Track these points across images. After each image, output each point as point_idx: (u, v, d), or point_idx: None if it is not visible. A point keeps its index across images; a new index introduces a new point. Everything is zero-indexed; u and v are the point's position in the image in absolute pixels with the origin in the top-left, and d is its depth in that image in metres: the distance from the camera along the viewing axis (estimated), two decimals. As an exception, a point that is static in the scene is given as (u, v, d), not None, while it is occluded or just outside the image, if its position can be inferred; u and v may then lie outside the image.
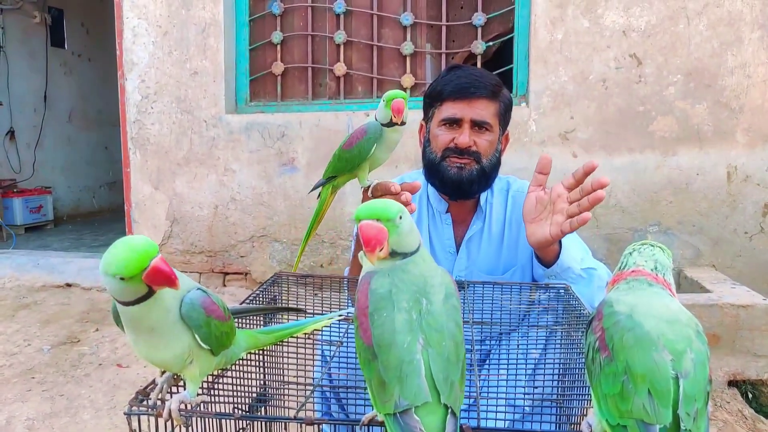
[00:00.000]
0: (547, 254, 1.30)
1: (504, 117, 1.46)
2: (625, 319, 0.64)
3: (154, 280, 0.69)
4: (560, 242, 1.31)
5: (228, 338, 0.82)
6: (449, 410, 0.64)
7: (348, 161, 1.27)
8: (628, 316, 0.64)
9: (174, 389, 0.85)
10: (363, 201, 1.25)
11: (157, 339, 0.75)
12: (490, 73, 1.50)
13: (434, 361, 0.65)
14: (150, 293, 0.71)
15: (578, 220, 1.21)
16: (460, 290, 1.28)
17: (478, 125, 1.41)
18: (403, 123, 1.25)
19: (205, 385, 0.98)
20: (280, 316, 1.22)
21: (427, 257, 0.77)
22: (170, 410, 0.74)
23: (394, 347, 0.66)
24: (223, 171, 3.48)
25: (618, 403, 0.61)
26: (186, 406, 0.76)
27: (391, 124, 1.24)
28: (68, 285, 3.70)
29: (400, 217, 0.70)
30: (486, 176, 1.43)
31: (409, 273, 0.72)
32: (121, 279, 0.68)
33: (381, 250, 0.70)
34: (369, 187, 1.24)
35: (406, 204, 1.18)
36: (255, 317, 1.17)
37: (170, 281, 0.70)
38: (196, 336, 0.76)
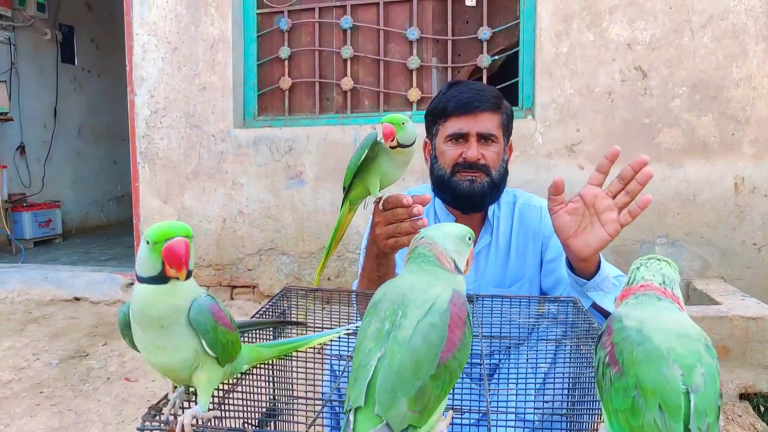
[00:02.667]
0: (589, 266, 1.27)
1: (507, 128, 1.48)
2: (634, 333, 0.65)
3: (167, 256, 0.71)
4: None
5: (234, 348, 0.83)
6: (385, 423, 0.63)
7: (350, 170, 1.28)
8: (638, 331, 0.65)
9: (186, 405, 0.85)
10: (374, 213, 1.25)
11: (165, 339, 0.76)
12: (489, 86, 1.52)
13: (383, 371, 0.65)
14: (162, 278, 0.73)
15: (639, 204, 1.17)
16: (468, 304, 1.29)
17: (484, 138, 1.42)
18: (402, 146, 1.21)
19: (216, 399, 0.98)
20: (290, 330, 1.22)
21: (435, 271, 0.77)
22: (183, 425, 0.75)
23: (359, 351, 0.69)
24: (231, 185, 3.51)
25: (629, 418, 0.61)
26: (198, 421, 0.77)
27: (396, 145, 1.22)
28: (77, 299, 3.72)
29: None
30: (496, 187, 1.44)
31: (401, 285, 0.74)
32: (147, 243, 0.72)
33: None
34: (380, 199, 1.24)
35: (417, 216, 1.19)
36: (264, 331, 1.17)
37: (178, 263, 0.71)
38: (203, 341, 0.76)
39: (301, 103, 3.54)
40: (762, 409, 2.14)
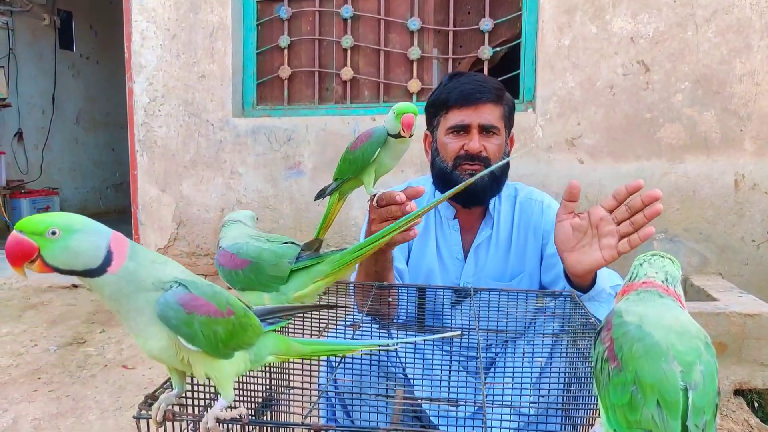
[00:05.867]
0: (585, 280, 1.26)
1: (509, 119, 1.47)
2: (634, 329, 0.64)
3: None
4: None
5: (233, 337, 0.74)
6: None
7: (351, 163, 1.26)
8: (638, 327, 0.64)
9: (182, 399, 0.84)
10: (369, 211, 1.24)
11: (142, 327, 0.71)
12: (491, 77, 1.51)
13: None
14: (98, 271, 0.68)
15: (640, 236, 1.15)
16: (466, 297, 1.29)
17: (485, 130, 1.41)
18: (410, 135, 1.24)
19: (212, 389, 0.98)
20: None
21: None
22: (208, 428, 0.72)
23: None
24: (230, 174, 3.50)
25: (627, 413, 0.61)
26: (222, 420, 0.73)
27: (398, 135, 1.23)
28: (74, 286, 3.72)
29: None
30: (497, 180, 1.44)
31: None
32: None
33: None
34: (374, 196, 1.23)
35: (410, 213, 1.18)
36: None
37: (7, 258, 0.66)
38: (179, 337, 0.70)
39: (301, 93, 3.52)
40: (756, 405, 2.15)
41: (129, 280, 0.69)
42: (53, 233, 0.66)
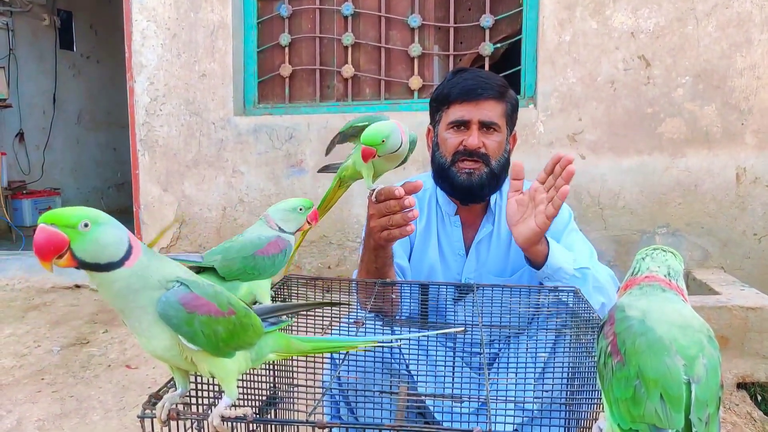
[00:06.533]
0: (536, 255, 1.30)
1: (511, 117, 1.47)
2: (637, 324, 0.65)
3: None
4: (548, 243, 1.30)
5: (233, 337, 0.74)
6: None
7: (344, 127, 1.29)
8: (641, 321, 0.65)
9: (187, 399, 0.85)
10: (368, 207, 1.24)
11: (145, 327, 0.71)
12: (495, 74, 1.51)
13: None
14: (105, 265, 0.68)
15: (559, 195, 1.23)
16: (468, 293, 1.29)
17: (486, 126, 1.41)
18: (379, 156, 1.19)
19: (215, 388, 0.98)
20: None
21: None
22: (214, 426, 0.72)
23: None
24: (232, 173, 3.50)
25: (630, 407, 0.62)
26: (227, 419, 0.73)
27: None
28: (77, 286, 3.73)
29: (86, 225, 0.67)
30: (496, 178, 1.43)
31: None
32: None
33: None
34: (373, 191, 1.23)
35: (408, 208, 1.18)
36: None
37: (37, 252, 0.65)
38: (180, 336, 0.70)
39: (302, 91, 3.52)
40: (759, 398, 2.15)
41: (140, 275, 0.70)
42: (86, 225, 0.66)
